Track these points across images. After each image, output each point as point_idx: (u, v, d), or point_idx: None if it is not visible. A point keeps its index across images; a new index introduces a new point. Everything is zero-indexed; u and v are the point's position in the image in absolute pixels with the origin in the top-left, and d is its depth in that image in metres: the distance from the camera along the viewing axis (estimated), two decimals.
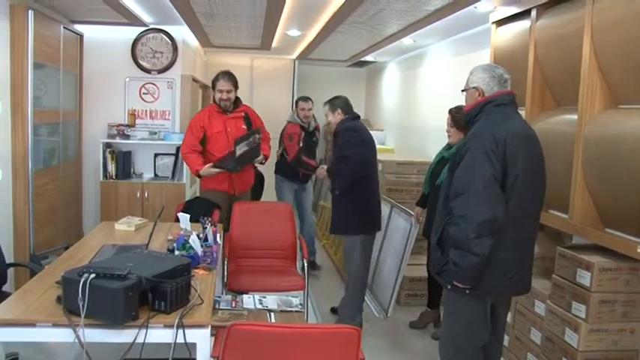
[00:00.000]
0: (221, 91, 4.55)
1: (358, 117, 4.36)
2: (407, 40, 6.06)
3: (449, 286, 2.67)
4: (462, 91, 2.81)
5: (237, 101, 4.69)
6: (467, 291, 2.59)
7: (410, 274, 4.84)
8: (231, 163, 4.36)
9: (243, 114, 4.70)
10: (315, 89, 9.44)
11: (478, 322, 2.69)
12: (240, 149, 4.34)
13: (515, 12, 3.87)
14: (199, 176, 4.58)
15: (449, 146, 4.18)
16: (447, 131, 4.15)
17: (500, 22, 4.15)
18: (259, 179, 5.17)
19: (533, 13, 3.60)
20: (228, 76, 4.60)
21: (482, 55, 4.78)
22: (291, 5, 4.70)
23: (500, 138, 2.49)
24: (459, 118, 3.87)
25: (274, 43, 6.83)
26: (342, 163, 4.11)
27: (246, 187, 4.82)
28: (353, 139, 4.12)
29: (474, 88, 2.71)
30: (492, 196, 2.47)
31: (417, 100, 6.98)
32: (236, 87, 4.63)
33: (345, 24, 5.15)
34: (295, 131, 5.57)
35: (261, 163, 4.79)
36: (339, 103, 4.28)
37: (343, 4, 4.34)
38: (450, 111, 4.11)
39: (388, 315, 4.49)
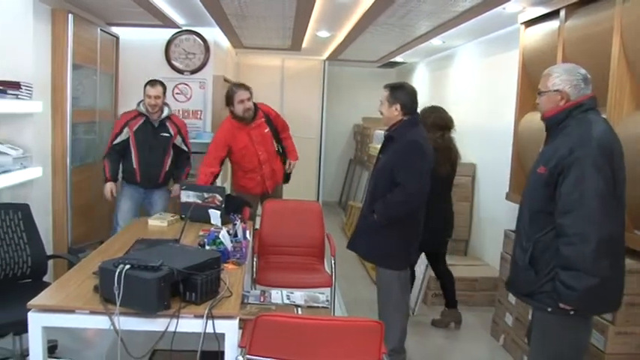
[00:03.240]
0: (242, 101, 4.53)
1: (419, 120, 3.56)
2: (436, 41, 6.08)
3: (549, 309, 2.45)
4: (539, 93, 2.58)
5: (255, 109, 4.66)
6: (571, 312, 2.39)
7: None
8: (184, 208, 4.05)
9: (263, 118, 4.72)
10: (345, 90, 9.54)
11: (583, 342, 2.54)
12: (188, 197, 4.05)
13: (543, 12, 3.87)
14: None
15: None
16: None
17: (529, 23, 4.16)
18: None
19: (562, 13, 3.60)
20: (244, 85, 4.64)
21: (510, 56, 4.79)
22: (320, 6, 4.76)
23: (605, 146, 2.33)
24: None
25: (304, 44, 6.91)
26: (395, 190, 3.32)
27: (279, 180, 4.95)
28: (415, 161, 3.31)
29: (555, 91, 2.48)
30: (609, 211, 2.30)
31: (447, 100, 6.98)
32: (252, 95, 4.64)
33: (375, 25, 5.19)
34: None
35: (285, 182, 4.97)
36: (402, 96, 3.41)
37: (372, 5, 4.38)
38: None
39: (415, 314, 4.52)
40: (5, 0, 3.80)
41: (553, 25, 3.76)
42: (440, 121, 4.20)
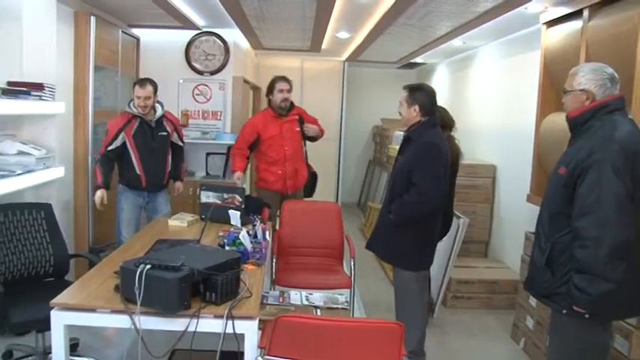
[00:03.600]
0: (282, 91, 4.76)
1: (438, 122, 3.56)
2: (456, 42, 6.04)
3: (564, 311, 2.43)
4: (565, 92, 2.54)
5: (291, 105, 4.88)
6: (586, 315, 2.36)
7: (456, 276, 4.82)
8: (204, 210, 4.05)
9: (297, 117, 4.90)
10: (364, 91, 9.52)
11: (601, 347, 2.50)
12: (207, 197, 4.07)
13: (566, 12, 3.82)
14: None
15: None
16: None
17: (551, 23, 4.11)
18: (313, 177, 5.27)
19: (586, 13, 3.54)
20: (286, 78, 4.84)
21: (532, 56, 4.74)
22: (340, 7, 4.76)
23: (628, 150, 2.28)
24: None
25: (324, 45, 6.91)
26: (411, 190, 3.34)
27: (299, 187, 5.01)
28: (432, 163, 3.32)
29: (581, 90, 2.44)
30: (625, 215, 2.26)
31: (467, 101, 6.94)
32: (292, 87, 4.86)
33: (394, 26, 5.18)
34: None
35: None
36: (421, 97, 3.43)
37: (392, 6, 4.37)
38: None
39: (434, 316, 4.49)
40: (29, 3, 3.85)
41: (576, 25, 3.71)
42: (440, 120, 4.19)
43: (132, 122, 4.30)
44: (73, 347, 3.39)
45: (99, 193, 4.21)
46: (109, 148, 4.26)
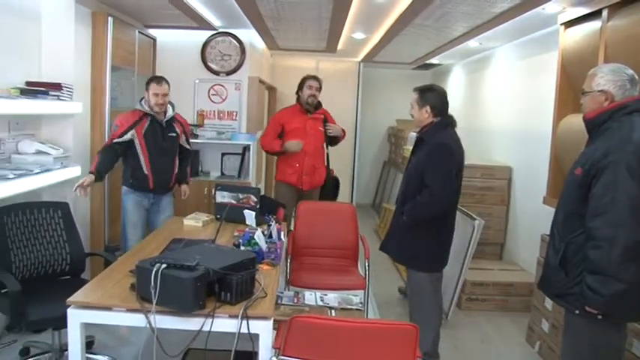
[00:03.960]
0: (311, 87, 4.98)
1: (450, 122, 3.50)
2: (472, 43, 6.01)
3: (577, 311, 2.43)
4: (583, 93, 2.53)
5: (318, 104, 5.06)
6: (599, 316, 2.35)
7: (471, 278, 4.80)
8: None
9: (322, 116, 5.05)
10: (379, 92, 9.51)
11: (614, 348, 2.48)
12: (223, 197, 4.10)
13: (585, 12, 3.79)
14: (283, 153, 4.98)
15: None
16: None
17: (569, 24, 4.07)
18: (335, 182, 5.29)
19: (605, 13, 3.51)
20: (317, 77, 5.05)
21: (549, 57, 4.70)
22: (356, 8, 4.75)
23: None
24: None
25: (339, 46, 6.91)
26: (424, 192, 3.35)
27: (316, 184, 5.07)
28: (443, 164, 3.32)
29: (600, 91, 2.44)
30: (639, 216, 2.26)
31: (483, 103, 6.90)
32: (321, 87, 5.05)
33: (410, 27, 5.16)
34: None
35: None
36: (431, 98, 3.42)
37: (408, 7, 4.36)
38: None
39: (448, 318, 4.47)
40: (48, 4, 3.89)
41: (595, 25, 3.68)
42: None
43: (143, 121, 4.15)
44: (89, 345, 3.42)
45: (87, 178, 3.70)
46: (118, 139, 4.05)
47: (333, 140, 5.14)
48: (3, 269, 3.14)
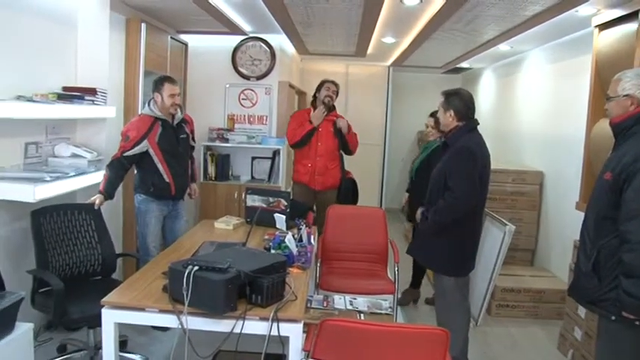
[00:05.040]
0: (328, 89, 5.00)
1: (476, 126, 3.47)
2: (503, 47, 5.95)
3: (613, 317, 2.40)
4: (608, 99, 2.54)
5: (333, 107, 5.07)
6: (637, 322, 2.32)
7: (501, 284, 4.74)
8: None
9: (334, 119, 5.04)
10: (409, 96, 9.48)
11: None
12: (253, 201, 4.19)
13: (620, 14, 3.72)
14: (313, 132, 4.97)
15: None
16: (429, 132, 4.86)
17: (604, 26, 4.00)
18: (352, 185, 5.28)
19: None
20: (335, 82, 5.11)
21: (582, 60, 4.64)
22: (386, 13, 4.75)
23: None
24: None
25: (369, 50, 6.91)
26: (446, 195, 3.32)
27: (329, 186, 5.06)
28: (465, 167, 3.29)
29: (625, 96, 2.44)
30: None
31: (514, 107, 6.83)
32: (338, 93, 5.09)
33: (441, 31, 5.14)
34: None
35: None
36: (455, 103, 3.40)
37: (439, 11, 4.34)
38: (433, 114, 4.61)
39: (478, 324, 4.43)
40: (85, 12, 3.99)
41: (631, 27, 3.61)
42: None
43: (155, 127, 3.93)
44: (122, 344, 3.48)
45: (97, 199, 3.64)
46: (127, 153, 3.84)
47: (346, 147, 5.10)
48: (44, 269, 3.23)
